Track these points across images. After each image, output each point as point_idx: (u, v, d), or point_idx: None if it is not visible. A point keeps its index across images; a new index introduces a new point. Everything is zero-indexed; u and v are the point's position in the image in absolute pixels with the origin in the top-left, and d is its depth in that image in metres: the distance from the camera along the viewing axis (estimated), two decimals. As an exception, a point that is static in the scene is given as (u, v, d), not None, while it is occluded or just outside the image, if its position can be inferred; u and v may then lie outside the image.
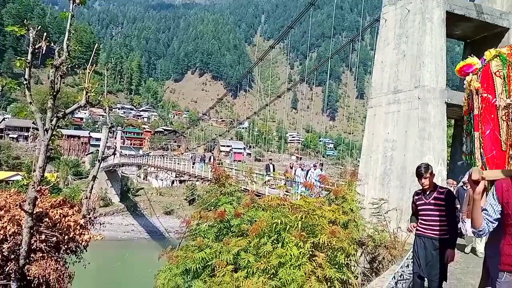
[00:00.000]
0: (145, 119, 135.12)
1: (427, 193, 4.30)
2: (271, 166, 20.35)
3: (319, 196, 8.85)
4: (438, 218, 4.18)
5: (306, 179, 15.33)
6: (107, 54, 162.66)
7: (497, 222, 2.61)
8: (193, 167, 31.86)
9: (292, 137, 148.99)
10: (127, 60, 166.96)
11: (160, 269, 7.09)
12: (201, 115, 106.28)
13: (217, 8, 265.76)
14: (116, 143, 67.97)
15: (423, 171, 4.18)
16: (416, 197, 4.46)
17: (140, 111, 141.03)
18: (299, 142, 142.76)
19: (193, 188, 62.95)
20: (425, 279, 4.35)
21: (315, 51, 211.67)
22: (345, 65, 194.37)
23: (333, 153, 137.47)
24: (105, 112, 64.00)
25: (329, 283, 4.71)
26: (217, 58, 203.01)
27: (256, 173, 19.68)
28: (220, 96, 77.39)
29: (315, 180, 14.03)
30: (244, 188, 11.76)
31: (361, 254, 8.96)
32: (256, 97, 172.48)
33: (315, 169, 17.35)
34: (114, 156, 55.47)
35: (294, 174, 17.77)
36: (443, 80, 10.88)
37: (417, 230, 4.41)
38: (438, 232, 4.18)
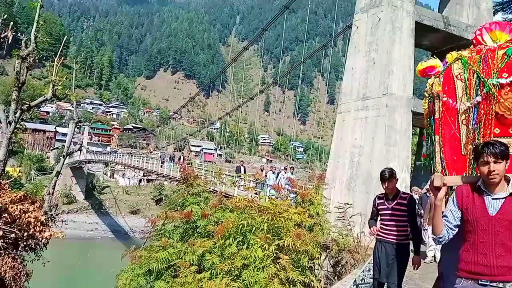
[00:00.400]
0: (114, 116, 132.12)
1: (390, 198, 4.31)
2: (242, 168, 20.34)
3: (287, 198, 8.92)
4: (399, 224, 4.21)
5: (276, 181, 15.39)
6: (77, 48, 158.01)
7: (457, 229, 2.60)
8: (161, 166, 31.39)
9: (263, 139, 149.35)
10: (98, 54, 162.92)
11: (123, 269, 6.93)
12: (172, 113, 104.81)
13: (192, 7, 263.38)
14: (83, 139, 66.09)
15: (387, 175, 4.20)
16: (378, 201, 4.44)
17: (110, 107, 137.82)
18: (270, 145, 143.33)
19: (160, 188, 61.97)
20: (385, 283, 4.33)
21: (289, 54, 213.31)
22: (318, 70, 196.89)
23: (303, 156, 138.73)
24: (72, 107, 62.24)
25: (291, 285, 4.72)
26: (191, 57, 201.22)
27: (226, 174, 19.64)
28: (193, 95, 76.60)
29: (286, 183, 14.11)
30: (212, 189, 11.69)
31: (325, 258, 9.06)
32: (229, 98, 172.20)
33: (285, 172, 17.45)
34: (80, 152, 53.94)
35: (265, 176, 17.82)
36: (410, 89, 11.20)
37: (378, 235, 4.37)
38: (399, 238, 4.21)
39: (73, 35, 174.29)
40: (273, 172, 17.28)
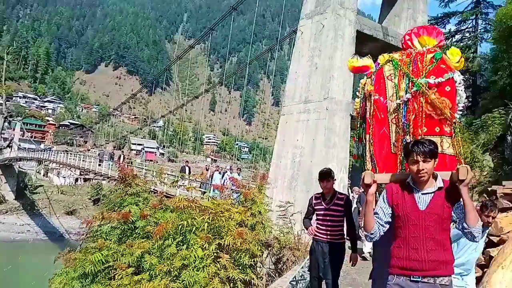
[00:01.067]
0: (50, 111, 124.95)
1: (327, 198, 4.34)
2: (187, 168, 20.08)
3: (229, 198, 8.98)
4: (336, 224, 4.27)
5: (222, 181, 15.37)
6: (11, 37, 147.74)
7: (388, 225, 2.63)
8: (99, 165, 30.19)
9: (209, 139, 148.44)
10: (34, 45, 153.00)
11: (56, 273, 6.60)
12: (113, 110, 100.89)
13: (138, 1, 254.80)
14: (13, 134, 61.61)
15: (325, 175, 4.26)
16: (315, 201, 4.45)
17: (45, 101, 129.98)
18: (215, 145, 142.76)
19: (98, 187, 59.39)
20: (322, 281, 4.41)
21: (236, 55, 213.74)
22: (264, 73, 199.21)
23: (248, 156, 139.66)
24: (1, 100, 57.98)
25: (232, 284, 4.77)
26: (134, 52, 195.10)
27: (168, 174, 19.31)
28: (135, 92, 74.33)
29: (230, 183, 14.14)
30: (153, 189, 11.46)
31: (267, 255, 9.23)
32: (173, 96, 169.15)
33: (231, 172, 17.49)
34: (10, 148, 50.36)
35: (210, 176, 17.72)
36: (349, 94, 11.72)
37: (314, 235, 4.38)
38: (335, 237, 4.26)
39: (7, 24, 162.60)
40: (219, 172, 17.26)
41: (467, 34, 21.23)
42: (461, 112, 3.03)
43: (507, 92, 13.07)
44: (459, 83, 2.94)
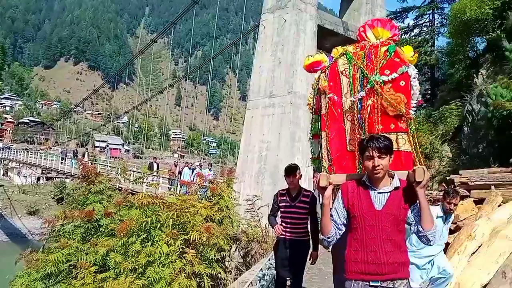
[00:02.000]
0: (8, 108, 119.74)
1: (293, 195, 4.23)
2: (155, 164, 19.80)
3: (196, 193, 8.99)
4: (301, 221, 4.19)
5: (192, 177, 15.27)
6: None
7: (344, 227, 2.51)
8: (62, 163, 29.28)
9: (175, 134, 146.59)
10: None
11: (17, 275, 6.40)
12: (74, 106, 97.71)
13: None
14: (-32, 134, 58.61)
15: (291, 170, 4.16)
16: (280, 198, 4.32)
17: (2, 98, 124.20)
18: (182, 140, 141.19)
19: (62, 186, 57.47)
20: (287, 279, 4.37)
21: (200, 49, 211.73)
22: (230, 67, 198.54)
23: (216, 151, 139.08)
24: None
25: (198, 278, 4.82)
26: (96, 47, 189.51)
27: (133, 171, 18.98)
28: (97, 87, 72.25)
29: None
30: (118, 186, 11.27)
31: (235, 249, 9.33)
32: (137, 91, 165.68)
33: (200, 168, 17.42)
34: (-35, 148, 47.81)
35: (179, 173, 17.56)
36: (313, 88, 11.94)
37: (279, 234, 4.25)
38: (299, 234, 4.18)
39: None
40: (189, 168, 17.15)
41: (425, 29, 21.93)
42: (415, 108, 2.97)
43: (463, 85, 13.62)
44: (414, 78, 2.88)
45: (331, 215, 2.50)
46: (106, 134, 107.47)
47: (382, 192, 2.39)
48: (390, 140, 2.43)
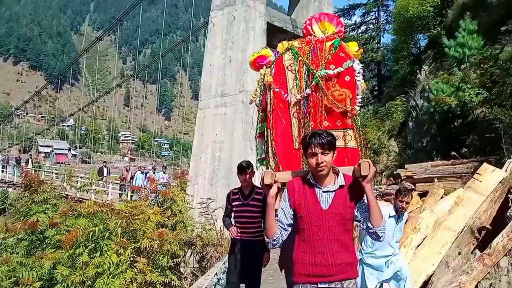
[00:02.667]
0: None
1: (246, 193, 4.13)
2: (105, 169, 19.04)
3: (147, 199, 8.69)
4: (255, 220, 4.07)
5: (145, 182, 14.76)
6: None
7: (290, 228, 2.40)
8: (3, 171, 27.54)
9: (125, 136, 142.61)
10: None
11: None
12: (15, 109, 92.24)
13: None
14: None
15: (245, 167, 4.04)
16: (232, 197, 4.21)
17: None
18: (132, 142, 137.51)
19: (4, 196, 53.97)
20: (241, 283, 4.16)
21: (149, 47, 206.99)
22: (180, 65, 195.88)
23: (169, 153, 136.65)
24: None
25: (151, 287, 4.64)
26: (37, 46, 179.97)
27: (80, 177, 18.14)
28: (39, 88, 68.60)
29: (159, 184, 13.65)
30: (65, 194, 10.69)
31: (190, 254, 9.11)
32: (83, 92, 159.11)
33: (154, 172, 16.97)
34: None
35: (131, 178, 16.96)
36: (264, 86, 11.93)
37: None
38: (254, 234, 4.06)
39: None
40: (142, 172, 16.59)
41: (371, 26, 22.68)
42: (360, 104, 2.95)
43: (407, 80, 14.15)
44: (358, 73, 2.87)
45: (277, 215, 2.40)
46: (50, 139, 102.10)
47: (327, 191, 2.33)
48: (333, 135, 2.35)
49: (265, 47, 3.33)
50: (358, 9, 22.31)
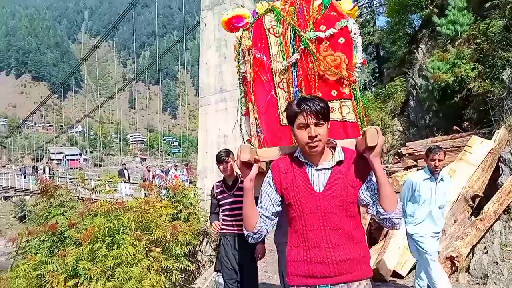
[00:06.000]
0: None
1: (230, 184, 3.79)
2: (125, 171, 19.42)
3: (159, 195, 9.11)
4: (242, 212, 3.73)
5: (169, 180, 15.22)
6: None
7: (277, 218, 1.99)
8: (22, 180, 28.36)
9: (134, 137, 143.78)
10: None
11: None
12: (23, 121, 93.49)
13: (30, 3, 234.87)
14: None
15: (223, 156, 3.71)
16: (216, 190, 3.87)
17: None
18: (141, 143, 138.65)
19: (22, 204, 55.05)
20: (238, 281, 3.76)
21: (148, 49, 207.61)
22: (181, 64, 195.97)
23: (179, 150, 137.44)
24: None
25: (167, 273, 5.05)
26: (37, 57, 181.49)
27: (92, 180, 18.59)
28: (44, 99, 69.43)
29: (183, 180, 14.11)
30: (80, 197, 11.17)
31: (206, 243, 9.53)
32: (88, 98, 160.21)
33: (176, 170, 17.45)
34: None
35: (153, 177, 17.44)
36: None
37: (221, 229, 3.81)
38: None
39: None
40: (162, 171, 17.11)
41: (365, 10, 22.70)
42: (360, 70, 2.48)
43: (406, 60, 14.20)
44: (355, 33, 2.41)
45: (260, 202, 1.96)
46: (61, 146, 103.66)
47: (321, 169, 1.85)
48: (326, 101, 1.85)
49: (241, 6, 2.88)
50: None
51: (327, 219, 1.80)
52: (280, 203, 1.95)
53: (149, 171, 19.16)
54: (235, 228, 3.67)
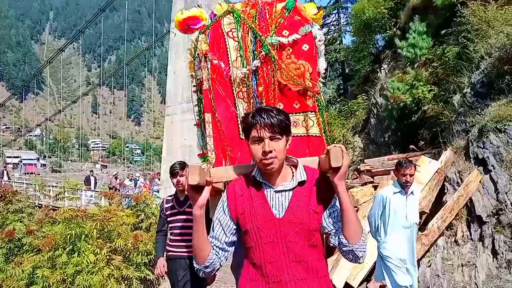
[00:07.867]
0: None
1: (181, 199, 3.49)
2: (92, 178, 18.89)
3: (120, 204, 9.02)
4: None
5: (136, 189, 14.99)
6: None
7: (232, 248, 1.73)
8: (-20, 185, 26.81)
9: (95, 143, 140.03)
10: None
11: None
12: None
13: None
14: None
15: (177, 168, 3.44)
16: (166, 205, 3.56)
17: None
18: (103, 149, 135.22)
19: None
20: None
21: (114, 54, 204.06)
22: (148, 70, 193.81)
23: (141, 158, 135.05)
24: None
25: (126, 281, 5.07)
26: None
27: (53, 186, 18.06)
28: (3, 100, 66.74)
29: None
30: (38, 204, 10.85)
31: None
32: (49, 101, 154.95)
33: (144, 179, 17.23)
34: None
35: (120, 185, 17.11)
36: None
37: (168, 251, 3.48)
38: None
39: None
40: (130, 180, 16.84)
41: (332, 27, 23.42)
42: (323, 80, 2.37)
43: (369, 80, 14.72)
44: (319, 40, 2.28)
45: (213, 231, 1.72)
46: (18, 149, 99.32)
47: (281, 191, 1.64)
48: (286, 113, 1.65)
49: (198, 6, 2.67)
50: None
51: (289, 249, 1.58)
52: (235, 231, 1.70)
53: (116, 178, 18.83)
54: (182, 250, 3.35)
